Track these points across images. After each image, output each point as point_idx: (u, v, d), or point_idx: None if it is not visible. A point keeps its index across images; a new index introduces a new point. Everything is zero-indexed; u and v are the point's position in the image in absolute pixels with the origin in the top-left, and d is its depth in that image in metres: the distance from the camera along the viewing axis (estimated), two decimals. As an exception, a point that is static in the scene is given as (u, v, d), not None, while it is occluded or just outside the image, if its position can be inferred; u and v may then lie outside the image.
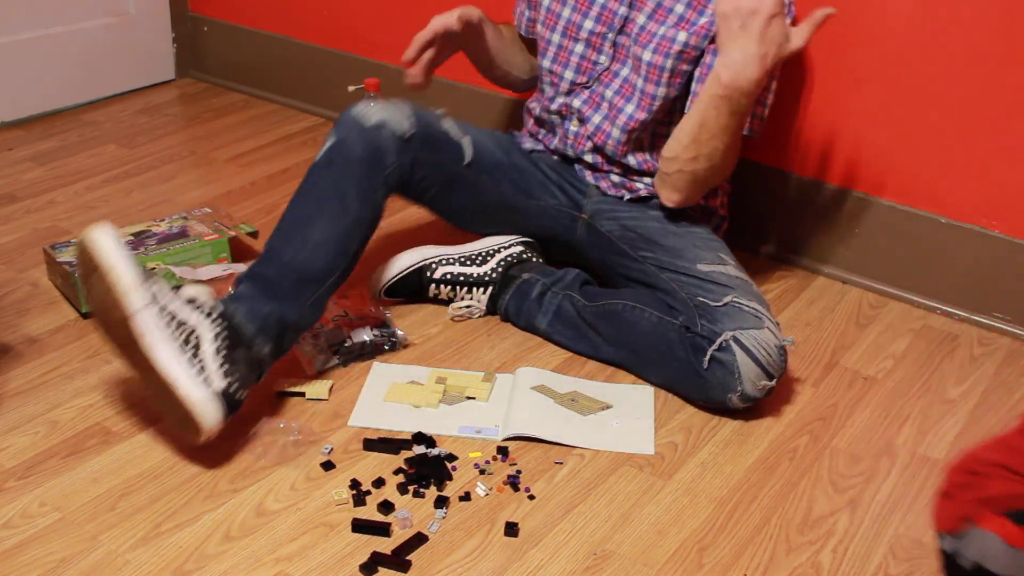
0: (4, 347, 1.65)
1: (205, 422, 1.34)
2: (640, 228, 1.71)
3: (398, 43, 2.41)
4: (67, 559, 1.26)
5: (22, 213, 2.09)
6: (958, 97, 1.76)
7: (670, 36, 1.63)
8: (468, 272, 1.75)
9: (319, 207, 1.55)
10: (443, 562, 1.27)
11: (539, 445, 1.48)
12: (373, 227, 1.61)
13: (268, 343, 1.45)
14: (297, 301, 1.50)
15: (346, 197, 1.55)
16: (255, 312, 1.45)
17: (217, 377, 1.37)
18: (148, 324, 1.33)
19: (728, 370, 1.48)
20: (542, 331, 1.71)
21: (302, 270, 1.51)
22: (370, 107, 1.61)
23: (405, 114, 1.63)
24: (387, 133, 1.60)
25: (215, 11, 2.73)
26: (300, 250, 1.52)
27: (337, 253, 1.54)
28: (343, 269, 1.56)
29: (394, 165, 1.61)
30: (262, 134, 2.51)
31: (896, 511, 1.40)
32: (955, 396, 1.64)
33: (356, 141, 1.58)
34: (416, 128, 1.64)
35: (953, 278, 1.85)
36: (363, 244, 1.60)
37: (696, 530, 1.35)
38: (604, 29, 1.70)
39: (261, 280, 1.50)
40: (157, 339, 1.33)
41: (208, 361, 1.37)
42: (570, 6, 1.72)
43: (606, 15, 1.69)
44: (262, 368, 1.46)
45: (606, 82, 1.72)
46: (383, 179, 1.59)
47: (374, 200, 1.59)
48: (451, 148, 1.71)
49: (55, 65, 2.53)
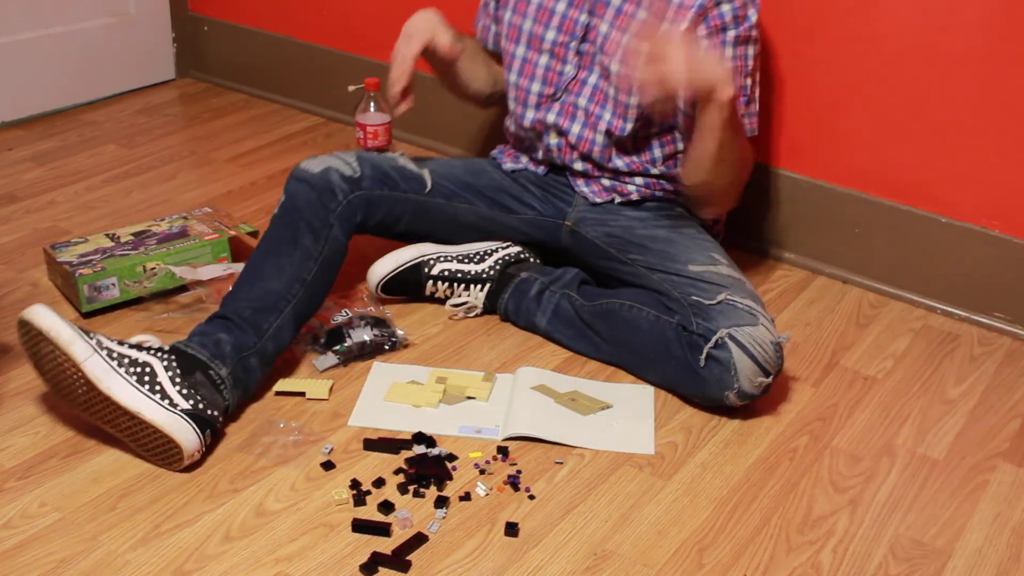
0: (4, 347, 1.65)
1: (179, 440, 1.36)
2: (627, 234, 1.71)
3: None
4: (67, 559, 1.26)
5: (22, 213, 2.09)
6: (958, 97, 1.76)
7: (636, 46, 1.62)
8: (466, 269, 1.75)
9: (272, 248, 1.59)
10: (443, 562, 1.27)
11: (539, 445, 1.48)
12: (332, 263, 1.63)
13: (225, 367, 1.45)
14: (256, 330, 1.51)
15: (297, 236, 1.60)
16: (206, 342, 1.47)
17: (180, 399, 1.39)
18: (100, 367, 1.36)
19: (725, 367, 1.48)
20: (542, 330, 1.71)
21: (257, 302, 1.53)
22: (314, 159, 1.68)
23: (350, 159, 1.70)
24: (334, 175, 1.66)
25: (215, 11, 2.73)
26: (254, 287, 1.55)
27: (292, 280, 1.56)
28: (301, 297, 1.57)
29: (343, 203, 1.65)
30: (262, 134, 2.51)
31: (896, 511, 1.40)
32: (955, 396, 1.65)
33: (304, 188, 1.63)
34: (362, 169, 1.69)
35: (953, 278, 1.85)
36: (323, 276, 1.61)
37: (696, 530, 1.35)
38: (567, 38, 1.70)
39: (216, 318, 1.53)
40: (113, 379, 1.36)
41: (167, 387, 1.39)
42: (531, 18, 1.72)
43: (567, 24, 1.69)
44: (226, 388, 1.45)
45: (575, 91, 1.72)
46: (335, 216, 1.63)
47: (328, 236, 1.62)
48: (412, 179, 1.75)
49: (55, 65, 2.53)
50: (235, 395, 1.48)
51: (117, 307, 1.76)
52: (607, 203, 1.76)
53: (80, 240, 1.83)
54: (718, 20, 1.59)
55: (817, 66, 1.87)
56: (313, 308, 1.62)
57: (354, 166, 1.69)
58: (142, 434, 1.37)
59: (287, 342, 1.57)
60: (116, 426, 1.39)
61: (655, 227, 1.71)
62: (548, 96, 1.73)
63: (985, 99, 1.73)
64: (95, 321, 1.73)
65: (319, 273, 1.60)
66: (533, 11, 1.72)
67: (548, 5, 1.71)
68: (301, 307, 1.57)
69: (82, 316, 1.73)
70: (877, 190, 1.89)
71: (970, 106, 1.75)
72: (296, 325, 1.58)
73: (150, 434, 1.37)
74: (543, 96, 1.74)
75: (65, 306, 1.77)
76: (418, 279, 1.76)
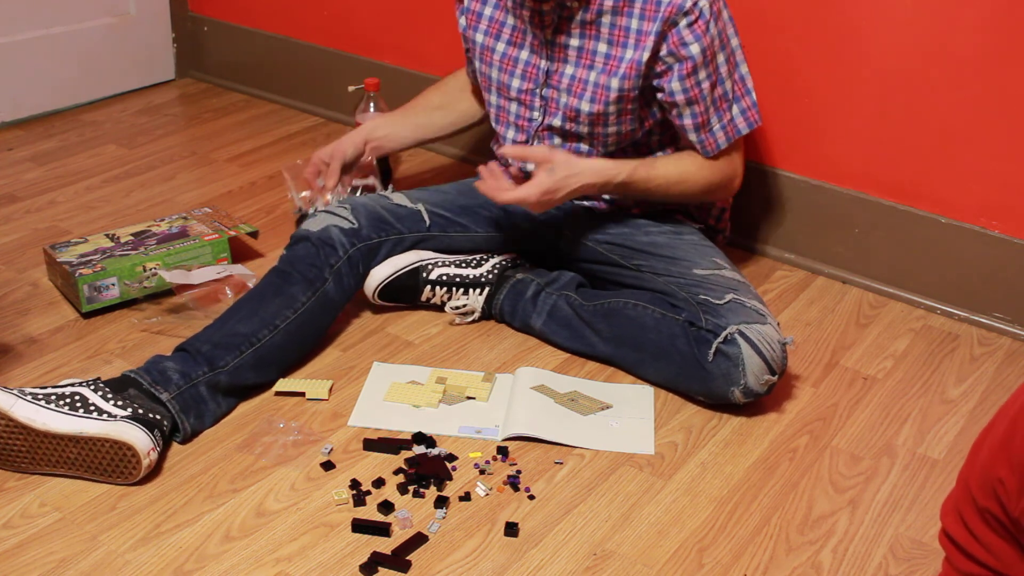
0: (4, 347, 1.65)
1: (130, 440, 1.34)
2: (628, 241, 1.71)
3: (398, 43, 2.42)
4: (67, 559, 1.26)
5: (22, 213, 2.09)
6: (958, 97, 1.76)
7: (604, 84, 1.62)
8: (464, 274, 1.75)
9: (255, 294, 1.60)
10: (443, 562, 1.27)
11: (539, 445, 1.48)
12: (317, 316, 1.62)
13: (167, 392, 1.44)
14: (209, 363, 1.49)
15: (285, 285, 1.60)
16: (151, 369, 1.46)
17: (118, 410, 1.37)
18: (29, 408, 1.34)
19: (733, 363, 1.48)
20: (537, 331, 1.71)
21: (219, 339, 1.52)
22: (312, 219, 1.70)
23: (344, 212, 1.71)
24: (334, 231, 1.67)
25: (215, 11, 2.73)
26: (222, 327, 1.54)
27: (261, 325, 1.55)
28: (267, 342, 1.54)
29: (344, 259, 1.66)
30: (262, 134, 2.51)
31: (896, 511, 1.40)
32: (955, 396, 1.65)
33: (305, 245, 1.65)
34: (359, 219, 1.70)
35: (953, 278, 1.85)
36: (301, 327, 1.59)
37: (696, 530, 1.35)
38: (531, 86, 1.70)
39: (176, 350, 1.52)
40: (45, 415, 1.34)
41: (101, 405, 1.37)
42: (496, 67, 1.73)
43: (530, 71, 1.69)
44: (173, 411, 1.43)
45: (545, 136, 1.73)
46: (332, 271, 1.64)
47: (319, 290, 1.61)
48: (407, 218, 1.75)
49: (55, 65, 2.53)
50: (187, 420, 1.45)
51: (117, 307, 1.76)
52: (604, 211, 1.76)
53: (80, 240, 1.83)
54: (677, 38, 1.57)
55: (817, 66, 1.87)
56: (286, 355, 1.59)
57: (350, 218, 1.69)
58: (93, 453, 1.35)
59: (249, 382, 1.54)
60: (65, 461, 1.36)
61: (656, 233, 1.71)
62: (520, 143, 1.75)
63: (985, 99, 1.73)
64: (95, 321, 1.73)
65: (296, 322, 1.58)
66: (498, 60, 1.72)
67: (512, 54, 1.71)
68: (266, 352, 1.54)
69: (82, 316, 1.73)
70: (877, 190, 1.89)
71: (970, 106, 1.75)
72: (262, 368, 1.55)
73: (99, 448, 1.34)
74: (516, 142, 1.76)
75: (65, 306, 1.77)
76: (416, 284, 1.75)
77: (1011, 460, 0.88)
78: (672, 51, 1.58)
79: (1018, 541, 0.91)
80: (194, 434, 1.47)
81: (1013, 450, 0.88)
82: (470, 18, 1.75)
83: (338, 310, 1.66)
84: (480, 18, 1.73)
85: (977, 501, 0.93)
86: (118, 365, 1.61)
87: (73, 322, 1.73)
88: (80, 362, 1.62)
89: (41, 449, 1.35)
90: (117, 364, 1.61)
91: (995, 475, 0.90)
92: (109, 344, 1.67)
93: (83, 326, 1.72)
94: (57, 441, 1.34)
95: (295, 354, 1.61)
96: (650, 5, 1.56)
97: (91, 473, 1.37)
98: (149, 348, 1.65)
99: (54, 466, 1.37)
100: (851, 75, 1.84)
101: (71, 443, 1.34)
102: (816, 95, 1.89)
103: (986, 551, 0.94)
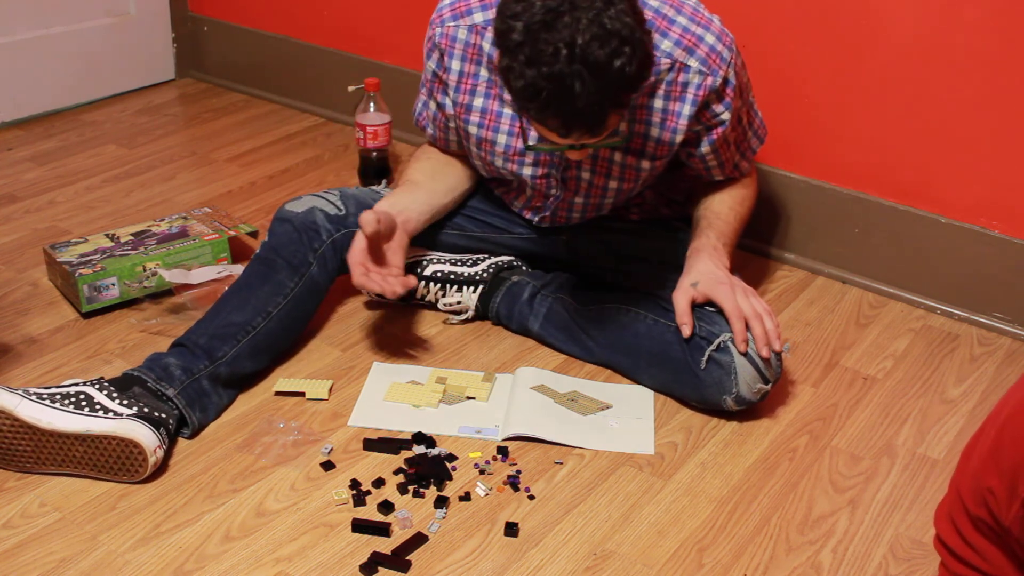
0: (4, 347, 1.65)
1: (136, 438, 1.34)
2: (627, 248, 1.71)
3: (398, 43, 2.42)
4: (67, 559, 1.26)
5: (22, 213, 2.09)
6: (958, 97, 1.76)
7: (633, 164, 1.57)
8: (459, 271, 1.75)
9: (243, 283, 1.60)
10: (443, 562, 1.27)
11: (539, 445, 1.48)
12: (305, 301, 1.61)
13: (172, 388, 1.44)
14: (209, 356, 1.50)
15: (271, 272, 1.60)
16: (153, 367, 1.47)
17: (123, 409, 1.37)
18: (34, 408, 1.34)
19: (725, 371, 1.48)
20: (534, 333, 1.71)
21: (215, 331, 1.52)
22: (298, 200, 1.67)
23: (334, 198, 1.68)
24: (319, 215, 1.64)
25: (215, 11, 2.73)
26: (215, 319, 1.55)
27: (255, 313, 1.56)
28: (262, 329, 1.55)
29: (327, 243, 1.63)
30: (262, 134, 2.51)
31: (896, 511, 1.40)
32: (955, 396, 1.64)
33: (287, 228, 1.63)
34: (347, 207, 1.67)
35: (953, 278, 1.85)
36: (291, 312, 1.59)
37: (696, 530, 1.35)
38: (546, 170, 1.61)
39: (173, 345, 1.53)
40: (51, 414, 1.34)
41: (107, 403, 1.37)
42: (501, 157, 1.62)
43: (543, 157, 1.59)
44: (179, 406, 1.44)
45: (565, 205, 1.66)
46: (316, 255, 1.62)
47: (305, 275, 1.61)
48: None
49: (55, 65, 2.53)
50: (194, 415, 1.46)
51: (117, 307, 1.76)
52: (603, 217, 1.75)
53: (80, 240, 1.83)
54: (709, 113, 1.54)
55: (817, 66, 1.87)
56: (279, 342, 1.60)
57: (338, 204, 1.67)
58: (99, 451, 1.35)
59: (247, 371, 1.55)
60: (70, 460, 1.36)
61: (654, 239, 1.71)
62: (539, 212, 1.71)
63: (985, 99, 1.73)
64: (95, 321, 1.73)
65: (287, 308, 1.59)
66: (501, 151, 1.61)
67: (517, 145, 1.59)
68: (262, 339, 1.55)
69: (82, 316, 1.73)
70: (877, 190, 1.89)
71: (970, 106, 1.75)
72: (257, 356, 1.56)
73: (106, 446, 1.35)
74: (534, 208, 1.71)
75: (65, 306, 1.77)
76: None
77: (1000, 468, 0.89)
78: (704, 123, 1.56)
79: (1010, 547, 0.92)
80: (201, 427, 1.48)
81: (1002, 459, 0.89)
82: (459, 111, 1.61)
83: (323, 293, 1.66)
84: (470, 110, 1.60)
85: (969, 509, 0.93)
86: (118, 365, 1.61)
87: (73, 322, 1.73)
88: (80, 362, 1.62)
89: (46, 448, 1.35)
90: (117, 364, 1.62)
91: (985, 484, 0.90)
92: (109, 344, 1.67)
93: (83, 326, 1.72)
94: (63, 440, 1.34)
95: (287, 340, 1.62)
96: (675, 87, 1.50)
97: (97, 472, 1.37)
98: (149, 348, 1.64)
99: (59, 465, 1.37)
100: (851, 75, 1.84)
101: (77, 442, 1.34)
102: (816, 95, 1.89)
103: (979, 556, 0.94)
